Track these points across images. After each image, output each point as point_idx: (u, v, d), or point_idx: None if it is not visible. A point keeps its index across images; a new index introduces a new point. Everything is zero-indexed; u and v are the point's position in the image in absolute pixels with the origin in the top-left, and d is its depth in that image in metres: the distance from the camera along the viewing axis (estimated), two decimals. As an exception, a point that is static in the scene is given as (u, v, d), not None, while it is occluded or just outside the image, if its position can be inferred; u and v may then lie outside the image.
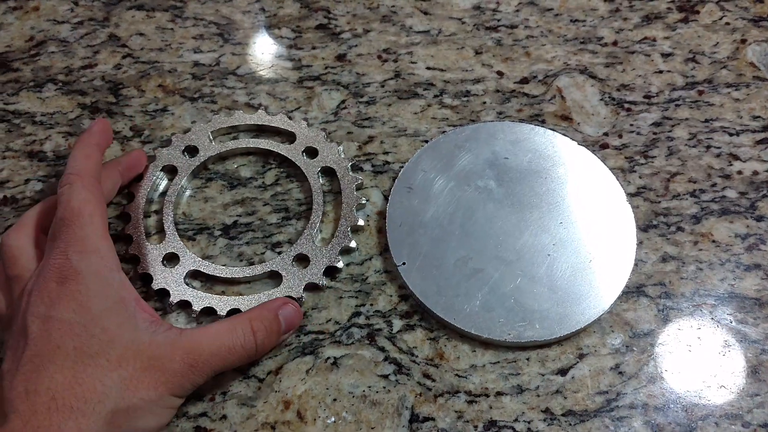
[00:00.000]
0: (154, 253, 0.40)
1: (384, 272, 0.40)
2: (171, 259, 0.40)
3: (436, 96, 0.47)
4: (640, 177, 0.43)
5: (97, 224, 0.34)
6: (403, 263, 0.39)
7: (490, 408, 0.36)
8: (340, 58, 0.49)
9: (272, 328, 0.35)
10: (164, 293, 0.39)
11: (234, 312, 0.38)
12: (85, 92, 0.48)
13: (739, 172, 0.43)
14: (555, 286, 0.38)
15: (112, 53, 0.50)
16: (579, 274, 0.39)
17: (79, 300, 0.31)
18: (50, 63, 0.49)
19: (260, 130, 0.46)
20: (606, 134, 0.45)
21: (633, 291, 0.39)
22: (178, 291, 0.38)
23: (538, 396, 0.36)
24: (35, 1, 0.53)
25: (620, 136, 0.45)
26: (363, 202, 0.42)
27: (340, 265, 0.40)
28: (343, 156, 0.44)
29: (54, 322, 0.31)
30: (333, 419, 0.35)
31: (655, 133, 0.45)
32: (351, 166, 0.43)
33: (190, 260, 0.40)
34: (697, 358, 0.37)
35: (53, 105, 0.47)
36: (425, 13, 0.51)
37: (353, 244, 0.40)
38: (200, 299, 0.38)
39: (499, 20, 0.51)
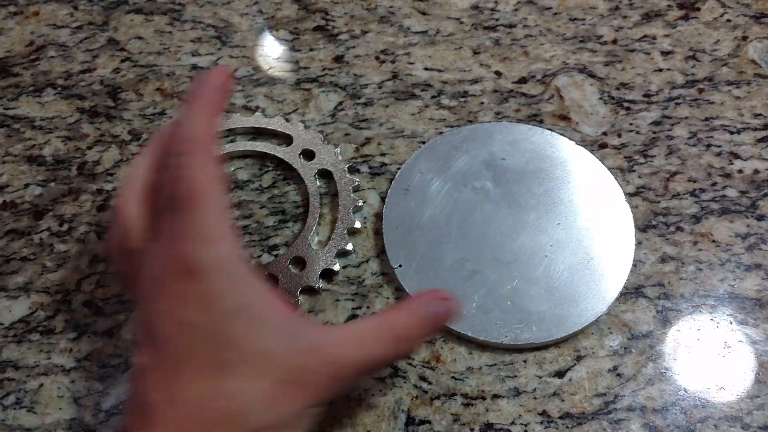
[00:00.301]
0: (152, 256, 0.40)
1: (381, 275, 0.40)
2: (168, 262, 0.40)
3: (433, 97, 0.47)
4: (639, 177, 0.43)
5: (218, 207, 0.29)
6: (400, 265, 0.39)
7: (487, 411, 0.36)
8: (338, 59, 0.49)
9: (421, 329, 0.31)
10: (161, 297, 0.39)
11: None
12: (84, 96, 0.48)
13: (740, 171, 0.43)
14: (552, 287, 0.38)
15: (111, 57, 0.50)
16: (577, 275, 0.39)
17: (206, 301, 0.28)
18: (50, 67, 0.50)
19: (257, 133, 0.46)
20: (605, 134, 0.45)
21: (631, 292, 0.39)
22: (175, 294, 0.39)
23: (535, 398, 0.36)
24: (35, 6, 0.53)
25: (619, 136, 0.45)
26: (360, 204, 0.42)
27: (337, 267, 0.40)
28: (340, 158, 0.44)
29: (185, 327, 0.27)
30: (329, 422, 0.35)
31: (654, 132, 0.45)
32: (348, 168, 0.43)
33: (187, 264, 0.40)
34: (696, 359, 0.37)
35: (52, 109, 0.47)
36: (423, 14, 0.51)
37: (350, 246, 0.40)
38: (197, 303, 0.38)
39: (497, 20, 0.51)
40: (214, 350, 0.27)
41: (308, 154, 0.44)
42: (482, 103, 0.46)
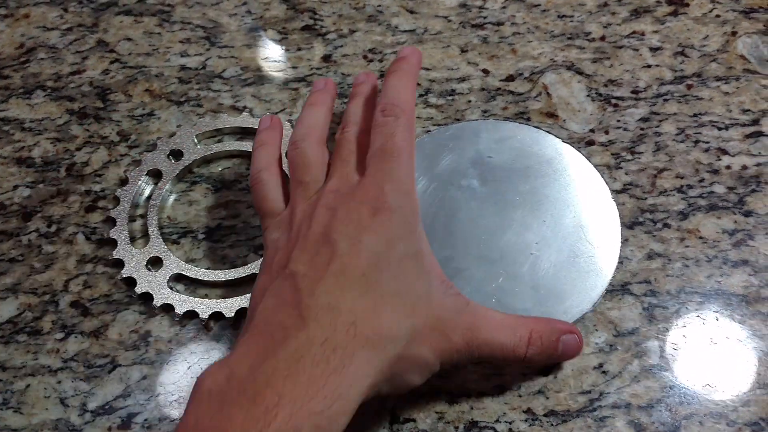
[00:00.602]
0: (138, 257, 0.40)
1: (367, 273, 0.40)
2: (155, 263, 0.40)
3: (421, 95, 0.47)
4: (626, 173, 0.43)
5: (412, 168, 0.35)
6: (386, 264, 0.39)
7: (471, 409, 0.36)
8: (326, 59, 0.49)
9: (548, 349, 0.34)
10: (147, 297, 0.39)
11: (217, 315, 0.38)
12: (73, 98, 0.48)
13: (728, 167, 0.43)
14: (538, 284, 0.38)
15: (101, 59, 0.50)
16: (563, 272, 0.39)
17: (387, 237, 0.32)
18: (39, 70, 0.50)
19: (245, 133, 0.46)
20: (592, 131, 0.45)
21: (618, 289, 0.39)
22: (161, 294, 0.39)
23: (520, 396, 0.36)
24: (26, 8, 0.53)
25: (607, 132, 0.45)
26: (346, 203, 0.42)
27: (323, 266, 0.40)
28: (327, 157, 0.44)
29: (363, 249, 0.31)
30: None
31: (642, 129, 0.45)
32: (335, 167, 0.43)
33: (174, 264, 0.40)
34: (682, 356, 0.37)
35: (42, 111, 0.48)
36: (411, 12, 0.51)
37: (336, 245, 0.40)
38: (183, 302, 0.38)
39: (485, 17, 0.51)
40: (383, 278, 0.31)
41: (295, 154, 0.44)
42: (470, 101, 0.46)
